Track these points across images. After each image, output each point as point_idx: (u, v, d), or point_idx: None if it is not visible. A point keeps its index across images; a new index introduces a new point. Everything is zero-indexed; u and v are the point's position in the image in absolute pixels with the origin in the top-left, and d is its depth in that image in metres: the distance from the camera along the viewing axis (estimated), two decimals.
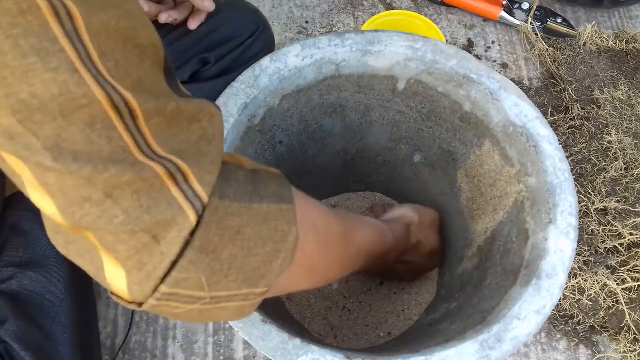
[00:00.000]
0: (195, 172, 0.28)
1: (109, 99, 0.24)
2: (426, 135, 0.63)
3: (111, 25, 0.24)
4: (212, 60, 0.67)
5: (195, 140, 0.28)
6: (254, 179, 0.32)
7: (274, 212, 0.32)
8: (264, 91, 0.52)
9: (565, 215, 0.47)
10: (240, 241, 0.30)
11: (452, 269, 0.66)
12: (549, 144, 0.50)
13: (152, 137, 0.26)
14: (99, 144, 0.25)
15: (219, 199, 0.29)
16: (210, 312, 0.31)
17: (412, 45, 0.54)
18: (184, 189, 0.27)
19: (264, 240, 0.31)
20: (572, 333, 0.74)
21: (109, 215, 0.26)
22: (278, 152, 0.61)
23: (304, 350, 0.40)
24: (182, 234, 0.27)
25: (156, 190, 0.27)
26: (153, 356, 0.71)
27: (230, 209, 0.29)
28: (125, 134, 0.25)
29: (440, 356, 0.41)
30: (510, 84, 0.52)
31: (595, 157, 0.83)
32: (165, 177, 0.27)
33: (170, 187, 0.27)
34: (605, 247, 0.75)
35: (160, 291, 0.28)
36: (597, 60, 0.93)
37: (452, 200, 0.65)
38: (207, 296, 0.30)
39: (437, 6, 1.02)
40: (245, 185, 0.31)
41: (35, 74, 0.23)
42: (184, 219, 0.27)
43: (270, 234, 0.31)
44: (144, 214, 0.26)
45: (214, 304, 0.31)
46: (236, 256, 0.30)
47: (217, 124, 0.30)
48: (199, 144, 0.29)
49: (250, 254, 0.31)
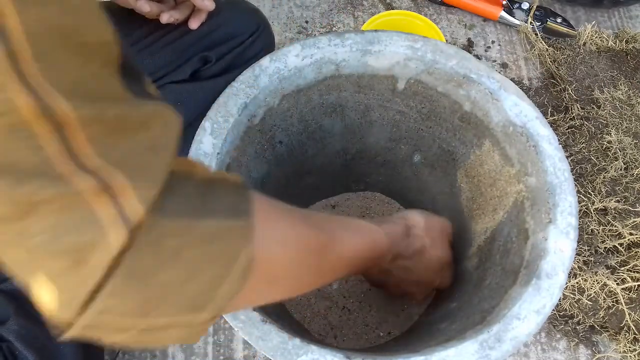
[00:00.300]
0: (133, 186, 0.25)
1: (36, 105, 0.22)
2: (426, 135, 0.63)
3: (51, 22, 0.22)
4: (213, 59, 0.67)
5: (140, 151, 0.25)
6: (206, 192, 0.29)
7: (224, 230, 0.28)
8: (264, 91, 0.52)
9: (565, 215, 0.47)
10: (180, 264, 0.27)
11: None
12: (549, 144, 0.50)
13: (88, 147, 0.24)
14: (17, 155, 0.22)
15: (159, 217, 0.26)
16: (152, 338, 0.28)
17: (412, 45, 0.54)
18: (114, 207, 0.25)
19: (209, 263, 0.28)
20: (572, 333, 0.74)
21: (27, 236, 0.23)
22: (278, 152, 0.61)
23: (304, 350, 0.40)
24: (107, 257, 0.25)
25: (80, 208, 0.24)
26: (153, 356, 0.71)
27: (170, 228, 0.26)
28: (49, 145, 0.23)
29: (440, 356, 0.41)
30: (510, 84, 0.52)
31: (595, 157, 0.83)
32: (93, 193, 0.24)
33: (96, 205, 0.24)
34: (605, 247, 0.75)
35: (86, 317, 0.26)
36: (597, 60, 0.93)
37: (452, 200, 0.65)
38: (141, 324, 0.27)
39: (437, 6, 1.02)
40: (194, 199, 0.28)
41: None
42: (110, 241, 0.25)
43: (216, 256, 0.28)
44: (64, 235, 0.24)
45: (151, 331, 0.28)
46: (174, 282, 0.27)
47: (171, 132, 0.27)
48: (145, 154, 0.26)
49: (192, 279, 0.27)
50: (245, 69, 0.52)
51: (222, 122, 0.49)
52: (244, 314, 0.41)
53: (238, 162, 0.53)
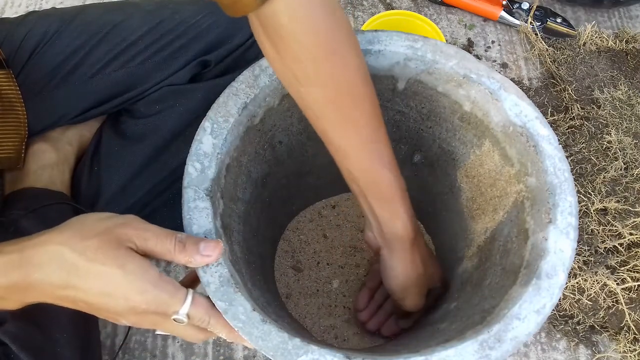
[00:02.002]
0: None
1: None
2: (426, 135, 0.63)
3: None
4: (212, 63, 0.67)
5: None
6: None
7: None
8: (264, 91, 0.52)
9: (565, 215, 0.47)
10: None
11: (452, 269, 0.66)
12: (549, 144, 0.50)
13: None
14: None
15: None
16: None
17: (412, 45, 0.54)
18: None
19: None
20: (572, 333, 0.74)
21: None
22: (278, 152, 0.61)
23: (304, 350, 0.40)
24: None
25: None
26: (153, 356, 0.71)
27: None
28: None
29: (440, 356, 0.41)
30: (510, 84, 0.52)
31: (595, 157, 0.83)
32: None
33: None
34: (605, 247, 0.75)
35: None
36: (597, 60, 0.93)
37: (452, 200, 0.65)
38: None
39: (437, 6, 1.02)
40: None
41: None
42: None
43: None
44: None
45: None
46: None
47: None
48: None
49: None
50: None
51: (222, 122, 0.49)
52: (244, 314, 0.41)
53: (238, 162, 0.53)
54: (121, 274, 0.37)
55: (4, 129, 0.62)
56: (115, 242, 0.38)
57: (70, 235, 0.38)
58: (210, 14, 0.67)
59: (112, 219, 0.40)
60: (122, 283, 0.37)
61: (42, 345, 0.53)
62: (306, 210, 0.76)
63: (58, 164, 0.67)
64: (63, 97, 0.65)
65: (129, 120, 0.68)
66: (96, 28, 0.65)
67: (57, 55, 0.64)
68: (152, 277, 0.38)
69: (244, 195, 0.56)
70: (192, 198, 0.45)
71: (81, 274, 0.37)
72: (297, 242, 0.74)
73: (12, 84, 0.62)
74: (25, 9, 1.00)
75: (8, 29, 0.64)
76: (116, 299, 0.38)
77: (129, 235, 0.38)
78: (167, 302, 0.39)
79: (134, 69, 0.65)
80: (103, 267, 0.37)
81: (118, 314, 0.39)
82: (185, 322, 0.40)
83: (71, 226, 0.39)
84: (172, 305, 0.39)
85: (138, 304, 0.38)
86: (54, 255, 0.37)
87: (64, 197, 0.65)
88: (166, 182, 0.69)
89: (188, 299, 0.40)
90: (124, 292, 0.38)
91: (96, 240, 0.37)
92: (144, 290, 0.38)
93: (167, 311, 0.39)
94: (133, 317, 0.40)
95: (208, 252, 0.41)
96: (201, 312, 0.41)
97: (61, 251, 0.37)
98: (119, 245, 0.38)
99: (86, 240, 0.37)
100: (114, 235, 0.38)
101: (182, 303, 0.40)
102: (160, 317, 0.40)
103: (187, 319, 0.40)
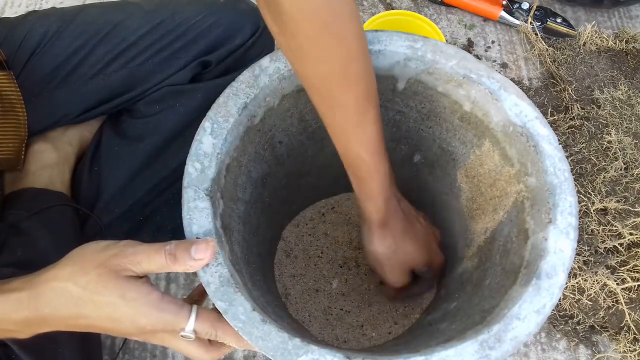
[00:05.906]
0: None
1: None
2: (426, 135, 0.63)
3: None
4: (212, 64, 0.67)
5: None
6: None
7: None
8: (264, 91, 0.52)
9: (565, 215, 0.47)
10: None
11: (452, 269, 0.66)
12: (549, 144, 0.50)
13: None
14: None
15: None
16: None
17: (412, 45, 0.54)
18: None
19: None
20: (572, 333, 0.74)
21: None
22: (278, 152, 0.61)
23: (304, 350, 0.40)
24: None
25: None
26: (153, 356, 0.71)
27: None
28: None
29: (440, 356, 0.41)
30: (510, 84, 0.52)
31: (595, 157, 0.83)
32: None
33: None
34: (605, 247, 0.75)
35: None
36: (597, 60, 0.93)
37: (452, 200, 0.65)
38: None
39: (437, 6, 1.02)
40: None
41: None
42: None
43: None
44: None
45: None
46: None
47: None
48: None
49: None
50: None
51: (222, 122, 0.49)
52: (244, 314, 0.41)
53: (238, 162, 0.53)
54: (123, 303, 0.39)
55: (3, 130, 0.62)
56: (113, 273, 0.40)
57: (72, 271, 0.40)
58: (211, 14, 0.66)
59: (106, 250, 0.41)
60: (125, 310, 0.40)
61: (43, 346, 0.53)
62: (306, 210, 0.76)
63: (58, 164, 0.67)
64: (63, 98, 0.65)
65: (129, 120, 0.68)
66: (96, 28, 0.65)
67: (57, 56, 0.64)
68: (153, 301, 0.40)
69: (244, 195, 0.56)
70: (192, 198, 0.45)
71: (88, 305, 0.40)
72: (297, 242, 0.74)
73: (13, 85, 0.62)
74: (25, 9, 1.00)
75: (8, 29, 0.64)
76: (124, 323, 0.40)
77: (122, 265, 0.40)
78: (171, 321, 0.41)
79: (135, 69, 0.65)
80: (105, 298, 0.39)
81: (129, 335, 0.42)
82: (193, 338, 0.42)
83: (73, 261, 0.41)
84: (177, 323, 0.41)
85: (144, 325, 0.40)
86: (61, 292, 0.40)
87: (64, 197, 0.65)
88: (166, 182, 0.69)
89: (192, 315, 0.41)
90: (129, 317, 0.40)
91: (95, 275, 0.39)
92: (148, 314, 0.40)
93: (175, 329, 0.41)
94: (143, 336, 0.42)
95: (200, 255, 0.41)
96: (207, 326, 0.42)
97: (67, 287, 0.39)
98: (117, 276, 0.40)
99: (87, 275, 0.39)
100: (110, 268, 0.40)
101: (187, 320, 0.41)
102: (168, 335, 0.42)
103: (194, 334, 0.42)
